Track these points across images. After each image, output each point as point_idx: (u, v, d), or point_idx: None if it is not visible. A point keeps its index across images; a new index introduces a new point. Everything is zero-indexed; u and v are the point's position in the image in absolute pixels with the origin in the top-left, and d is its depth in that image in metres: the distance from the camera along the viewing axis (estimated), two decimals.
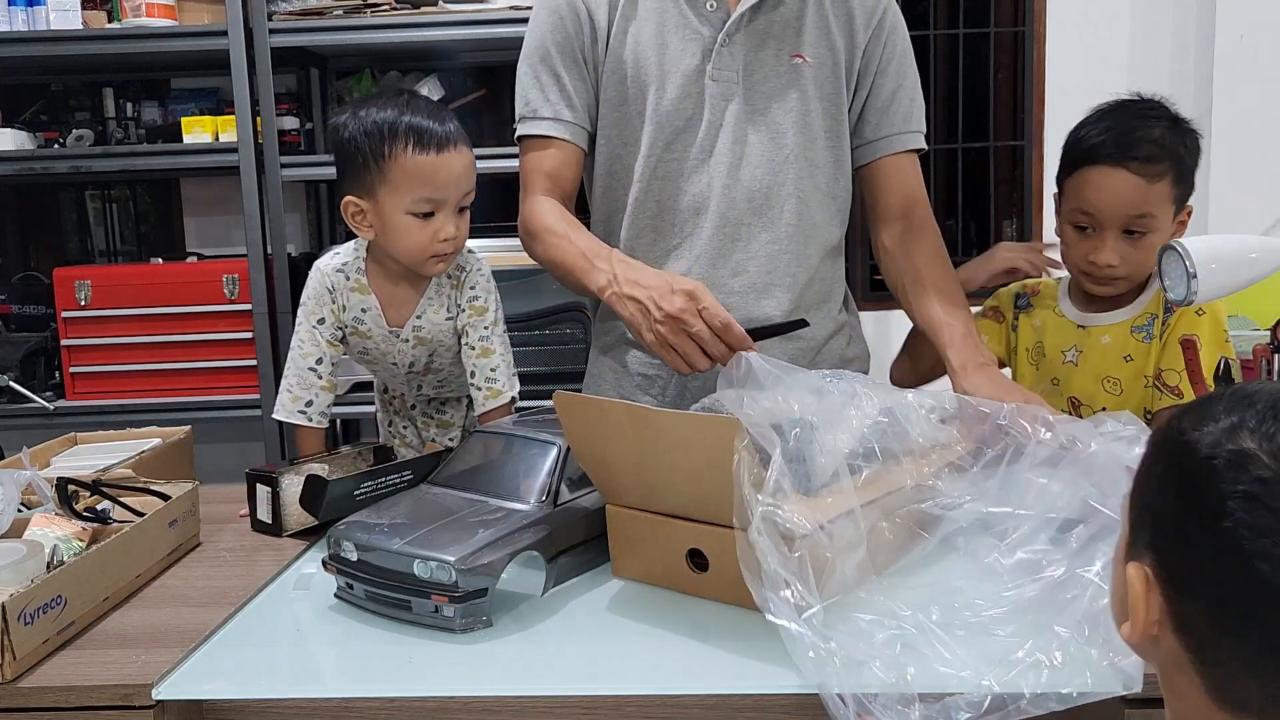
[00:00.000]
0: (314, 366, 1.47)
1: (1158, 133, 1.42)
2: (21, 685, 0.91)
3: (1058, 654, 0.85)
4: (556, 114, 1.47)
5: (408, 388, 1.60)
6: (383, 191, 1.37)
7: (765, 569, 0.87)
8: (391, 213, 1.38)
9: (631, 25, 1.44)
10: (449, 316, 1.49)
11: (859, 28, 1.46)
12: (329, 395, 1.48)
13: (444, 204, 1.39)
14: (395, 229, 1.39)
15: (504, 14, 2.71)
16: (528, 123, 1.50)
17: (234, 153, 2.77)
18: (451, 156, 1.38)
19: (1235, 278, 1.22)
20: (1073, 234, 1.46)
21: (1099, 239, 1.43)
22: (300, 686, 0.92)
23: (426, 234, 1.38)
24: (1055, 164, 1.54)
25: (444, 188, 1.38)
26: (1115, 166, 1.40)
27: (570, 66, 1.46)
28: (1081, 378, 1.48)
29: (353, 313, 1.48)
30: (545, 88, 1.47)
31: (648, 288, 1.27)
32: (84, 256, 3.35)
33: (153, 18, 2.74)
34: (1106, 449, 1.03)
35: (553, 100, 1.47)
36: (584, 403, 1.06)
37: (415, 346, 1.50)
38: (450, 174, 1.38)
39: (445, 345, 1.51)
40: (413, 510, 1.08)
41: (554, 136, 1.48)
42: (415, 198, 1.37)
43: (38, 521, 1.13)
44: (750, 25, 1.41)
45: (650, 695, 0.89)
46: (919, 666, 0.85)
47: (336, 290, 1.47)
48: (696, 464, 0.97)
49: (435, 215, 1.38)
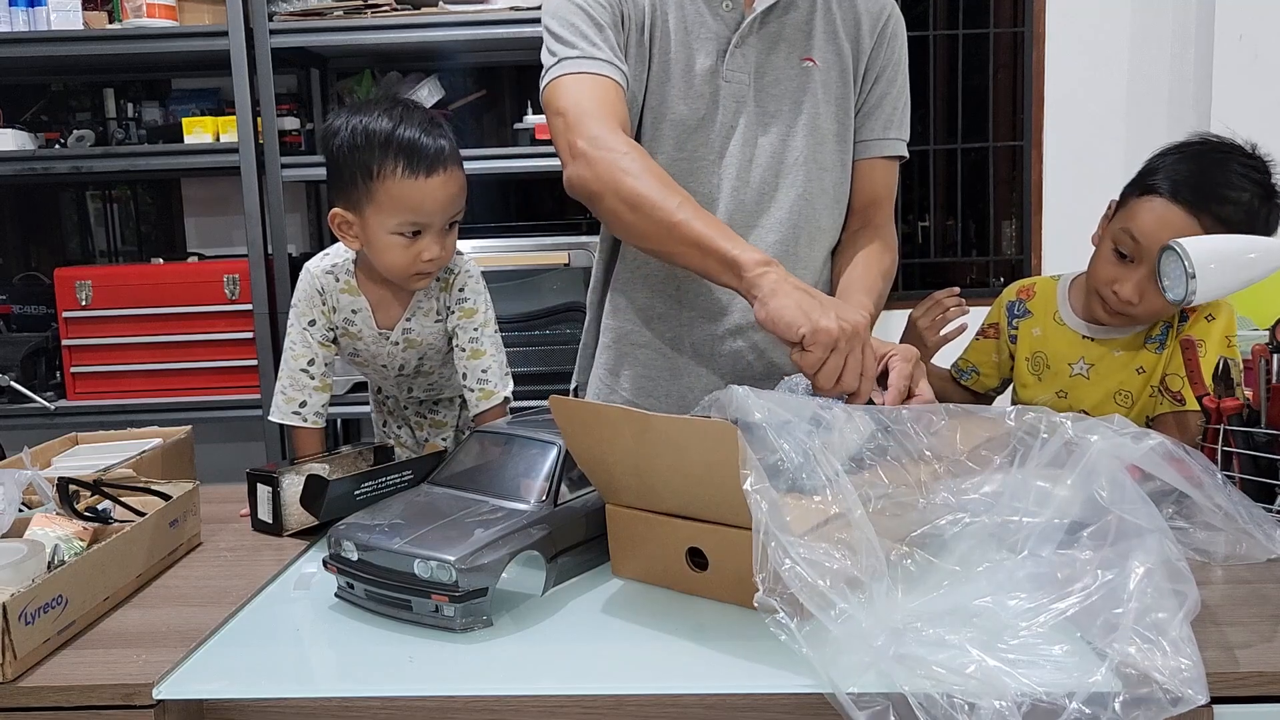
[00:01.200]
0: (306, 368, 1.47)
1: (1248, 196, 1.33)
2: (22, 685, 0.91)
3: (1128, 669, 0.83)
4: (611, 58, 1.32)
5: (399, 390, 1.60)
6: (369, 209, 1.37)
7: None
8: (376, 230, 1.38)
9: (658, 20, 1.42)
10: (439, 319, 1.49)
11: (865, 34, 1.46)
12: (324, 395, 1.48)
13: (430, 227, 1.38)
14: (380, 247, 1.39)
15: (504, 14, 2.72)
16: (572, 61, 1.31)
17: (234, 153, 2.78)
18: (441, 180, 1.36)
19: (1234, 278, 1.22)
20: (1108, 253, 1.40)
21: (1131, 270, 1.37)
22: (300, 686, 0.92)
23: (410, 254, 1.38)
24: (1055, 164, 1.54)
25: (431, 214, 1.37)
26: (1188, 211, 1.32)
27: (614, 26, 1.37)
28: (1093, 391, 1.45)
29: (343, 314, 1.48)
30: (590, 36, 1.33)
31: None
32: (85, 257, 3.36)
33: (153, 18, 2.75)
34: (1109, 448, 1.02)
35: (601, 47, 1.33)
36: (579, 406, 1.06)
37: (405, 349, 1.50)
38: (437, 200, 1.37)
39: (435, 348, 1.51)
40: (413, 510, 1.08)
41: (608, 76, 1.31)
42: (401, 220, 1.36)
43: (38, 521, 1.13)
44: (763, 28, 1.42)
45: (650, 695, 0.89)
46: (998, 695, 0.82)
47: (327, 292, 1.47)
48: (694, 466, 0.97)
49: (421, 236, 1.38)
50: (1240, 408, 1.18)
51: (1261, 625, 0.94)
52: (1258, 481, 1.15)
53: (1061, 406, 1.46)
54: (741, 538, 0.93)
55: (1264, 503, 1.11)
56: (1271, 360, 1.15)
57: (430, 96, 2.93)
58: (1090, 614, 0.88)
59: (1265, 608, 0.98)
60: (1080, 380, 1.46)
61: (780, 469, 0.97)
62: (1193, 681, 0.81)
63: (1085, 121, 3.44)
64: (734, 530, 0.98)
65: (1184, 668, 0.82)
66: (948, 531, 1.02)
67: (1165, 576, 0.88)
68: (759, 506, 0.89)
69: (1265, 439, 1.15)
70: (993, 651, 0.85)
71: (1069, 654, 0.86)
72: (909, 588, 0.96)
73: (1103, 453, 0.99)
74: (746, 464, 0.91)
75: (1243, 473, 1.17)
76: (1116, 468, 0.97)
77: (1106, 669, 0.83)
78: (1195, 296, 1.20)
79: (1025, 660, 0.85)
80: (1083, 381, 1.46)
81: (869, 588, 0.89)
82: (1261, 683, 0.86)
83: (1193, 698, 0.80)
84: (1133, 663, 0.83)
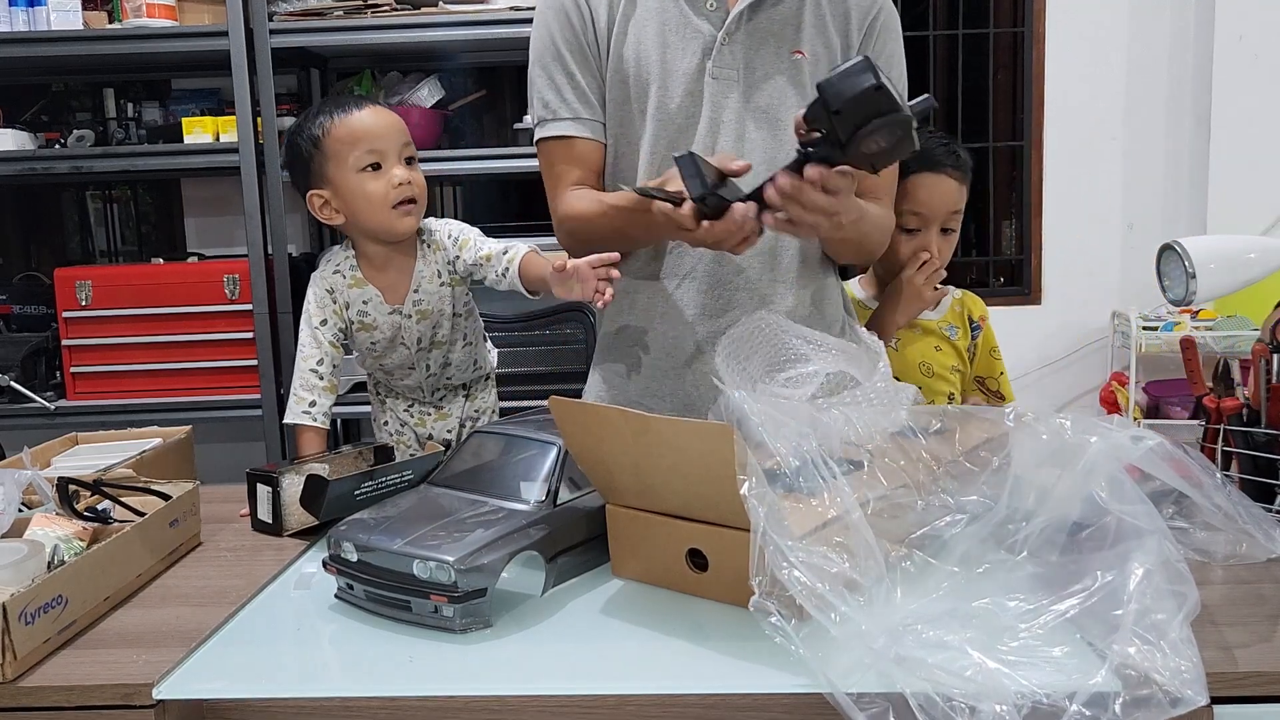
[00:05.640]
0: (315, 368, 1.53)
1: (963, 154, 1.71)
2: (22, 685, 0.91)
3: (1129, 670, 0.83)
4: (575, 113, 1.48)
5: (419, 371, 1.62)
6: (331, 168, 1.50)
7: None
8: (344, 181, 1.50)
9: (632, 24, 1.45)
10: (442, 281, 1.56)
11: (854, 27, 1.46)
12: (330, 396, 1.54)
13: (386, 154, 1.50)
14: (354, 194, 1.50)
15: (504, 14, 2.72)
16: (547, 125, 1.50)
17: (234, 153, 2.78)
18: (371, 111, 1.51)
19: (1234, 278, 1.22)
20: (900, 237, 1.64)
21: (925, 236, 1.65)
22: (301, 686, 0.93)
23: (381, 185, 1.49)
24: (1055, 164, 1.57)
25: (379, 138, 1.50)
26: (934, 172, 1.66)
27: (581, 63, 1.47)
28: (899, 360, 1.67)
29: (356, 307, 1.55)
30: (560, 88, 1.48)
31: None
32: (85, 257, 3.36)
33: (153, 18, 2.75)
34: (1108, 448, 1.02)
35: (569, 99, 1.48)
36: (579, 408, 1.06)
37: (419, 321, 1.57)
38: (377, 126, 1.50)
39: (445, 314, 1.59)
40: (412, 510, 1.08)
41: (577, 137, 1.48)
42: (357, 154, 1.49)
43: (38, 521, 1.13)
44: (750, 23, 1.42)
45: (650, 695, 0.89)
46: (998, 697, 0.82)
47: (336, 290, 1.55)
48: (694, 468, 0.97)
49: (382, 166, 1.50)
50: (1240, 408, 1.18)
51: (1260, 625, 0.94)
52: (1257, 481, 1.15)
53: None
54: (741, 539, 0.93)
55: (1264, 503, 1.11)
56: (1271, 360, 1.15)
57: (430, 96, 2.93)
58: (1090, 615, 0.88)
59: (1264, 608, 0.98)
60: (891, 352, 1.66)
61: (778, 472, 0.98)
62: (1192, 682, 0.81)
63: (1085, 121, 3.44)
64: (734, 531, 0.98)
65: (1184, 669, 0.82)
66: (946, 533, 1.02)
67: (1165, 578, 0.88)
68: (757, 510, 0.89)
69: (1265, 439, 1.15)
70: (992, 653, 0.85)
71: (1069, 655, 0.86)
72: (908, 589, 0.96)
73: (1102, 453, 0.99)
74: (745, 467, 0.91)
75: (1242, 473, 1.17)
76: (1116, 468, 0.97)
77: (1106, 670, 0.83)
78: (1195, 296, 1.20)
79: (1025, 661, 0.85)
80: (893, 353, 1.67)
81: (868, 590, 0.89)
82: (1261, 683, 0.86)
83: (1192, 698, 0.80)
84: (1133, 664, 0.83)
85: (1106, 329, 3.51)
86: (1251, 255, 1.22)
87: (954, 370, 1.72)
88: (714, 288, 1.46)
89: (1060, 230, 3.50)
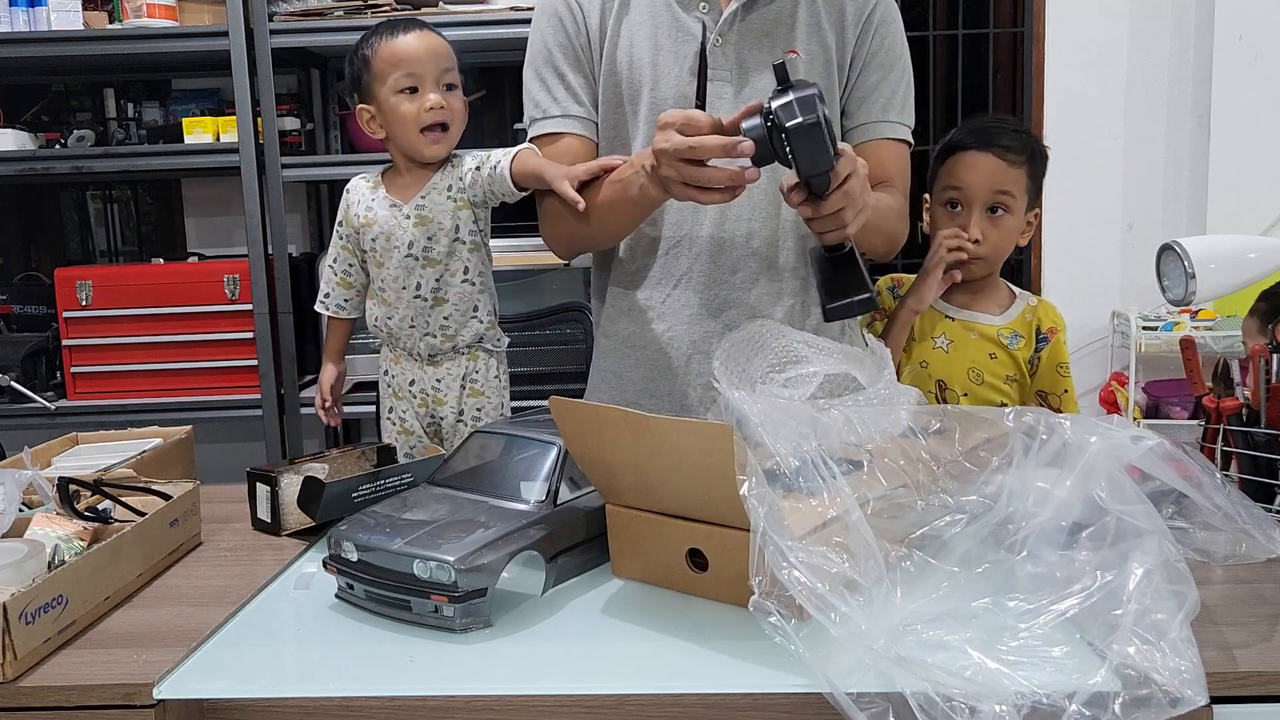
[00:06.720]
0: (331, 264, 1.69)
1: (1024, 138, 1.66)
2: (22, 685, 0.91)
3: (1128, 670, 0.83)
4: (566, 110, 1.49)
5: (410, 290, 1.60)
6: (376, 86, 1.59)
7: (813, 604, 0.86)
8: (385, 100, 1.58)
9: (624, 27, 1.45)
10: (450, 196, 1.61)
11: (849, 24, 1.46)
12: (343, 291, 1.69)
13: (424, 79, 1.57)
14: (392, 112, 1.58)
15: (504, 14, 2.72)
16: (538, 123, 1.52)
17: (235, 153, 2.78)
18: (420, 36, 1.59)
19: (1234, 278, 1.22)
20: (942, 210, 1.66)
21: (964, 215, 1.63)
22: (301, 686, 0.93)
23: (415, 106, 1.57)
24: (1054, 164, 1.57)
25: (420, 62, 1.57)
26: (979, 149, 1.62)
27: (573, 64, 1.48)
28: (949, 364, 1.62)
29: (364, 204, 1.64)
30: (552, 88, 1.50)
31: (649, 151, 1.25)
32: (85, 257, 3.36)
33: (154, 18, 2.75)
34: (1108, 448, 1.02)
35: (560, 99, 1.49)
36: (579, 408, 1.06)
37: (416, 225, 1.60)
38: (420, 50, 1.58)
39: (444, 229, 1.60)
40: (412, 510, 1.08)
41: (566, 132, 1.50)
42: (396, 76, 1.57)
43: (39, 521, 1.13)
44: (743, 22, 1.42)
45: (650, 695, 0.89)
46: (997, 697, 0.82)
47: (354, 191, 1.67)
48: (694, 468, 0.97)
49: (419, 91, 1.57)
50: (1240, 408, 1.18)
51: (1260, 625, 0.94)
52: (1257, 481, 1.15)
53: (922, 375, 1.65)
54: (741, 539, 0.93)
55: (1263, 503, 1.11)
56: (1271, 360, 1.15)
57: None
58: (1090, 615, 0.88)
59: (1264, 608, 0.98)
60: (940, 353, 1.63)
61: (778, 472, 0.98)
62: (1192, 682, 0.81)
63: (1085, 121, 3.44)
64: (734, 531, 0.98)
65: (1183, 669, 0.82)
66: (946, 533, 1.02)
67: (1165, 578, 0.88)
68: (757, 510, 0.89)
69: (1265, 439, 1.15)
70: (992, 653, 0.85)
71: (1069, 655, 0.86)
72: (908, 589, 0.96)
73: (1102, 453, 0.99)
74: (744, 467, 0.91)
75: (1242, 473, 1.17)
76: (1116, 468, 0.98)
77: (1106, 670, 0.83)
78: (1195, 296, 1.20)
79: (1025, 661, 0.85)
80: (942, 354, 1.63)
81: (868, 590, 0.89)
82: (1260, 683, 0.86)
83: (1192, 698, 0.80)
84: (1132, 664, 0.83)
85: (1106, 329, 3.50)
86: (1251, 255, 1.22)
87: (1009, 380, 1.63)
88: (710, 287, 1.46)
89: (1060, 230, 3.50)
